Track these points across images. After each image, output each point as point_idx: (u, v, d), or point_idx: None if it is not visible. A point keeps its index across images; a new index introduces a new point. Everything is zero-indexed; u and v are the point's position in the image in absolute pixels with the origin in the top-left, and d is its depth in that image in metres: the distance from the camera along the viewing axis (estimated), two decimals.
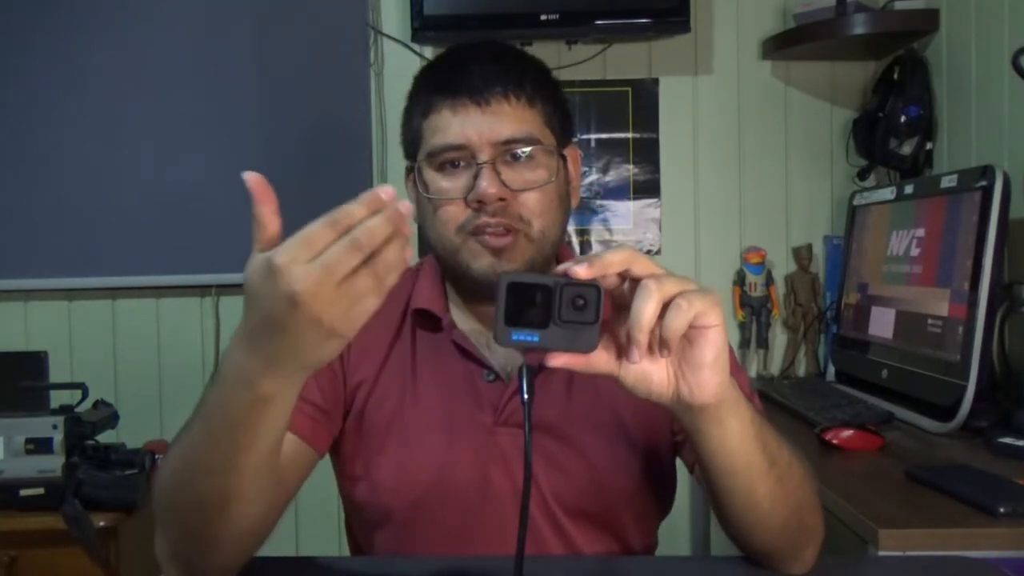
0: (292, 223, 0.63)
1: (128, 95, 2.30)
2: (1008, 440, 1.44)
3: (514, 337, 0.66)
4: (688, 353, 0.70)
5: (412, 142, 1.02)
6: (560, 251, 1.06)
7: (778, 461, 0.80)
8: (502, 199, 0.94)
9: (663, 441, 1.02)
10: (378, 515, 1.01)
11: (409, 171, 1.05)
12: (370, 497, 1.00)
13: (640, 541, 1.03)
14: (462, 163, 0.96)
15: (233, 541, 0.79)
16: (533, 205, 0.96)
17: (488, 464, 0.98)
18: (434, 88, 0.99)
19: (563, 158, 1.02)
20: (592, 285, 0.66)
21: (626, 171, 2.38)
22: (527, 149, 0.96)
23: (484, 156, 0.95)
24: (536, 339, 0.66)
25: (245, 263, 0.64)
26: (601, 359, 0.70)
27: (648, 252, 2.38)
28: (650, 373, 0.71)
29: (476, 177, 0.95)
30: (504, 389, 0.99)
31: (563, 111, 1.03)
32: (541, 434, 0.96)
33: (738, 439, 0.76)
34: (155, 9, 2.30)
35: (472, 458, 0.98)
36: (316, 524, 2.20)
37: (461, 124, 0.95)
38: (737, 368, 1.06)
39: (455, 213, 0.97)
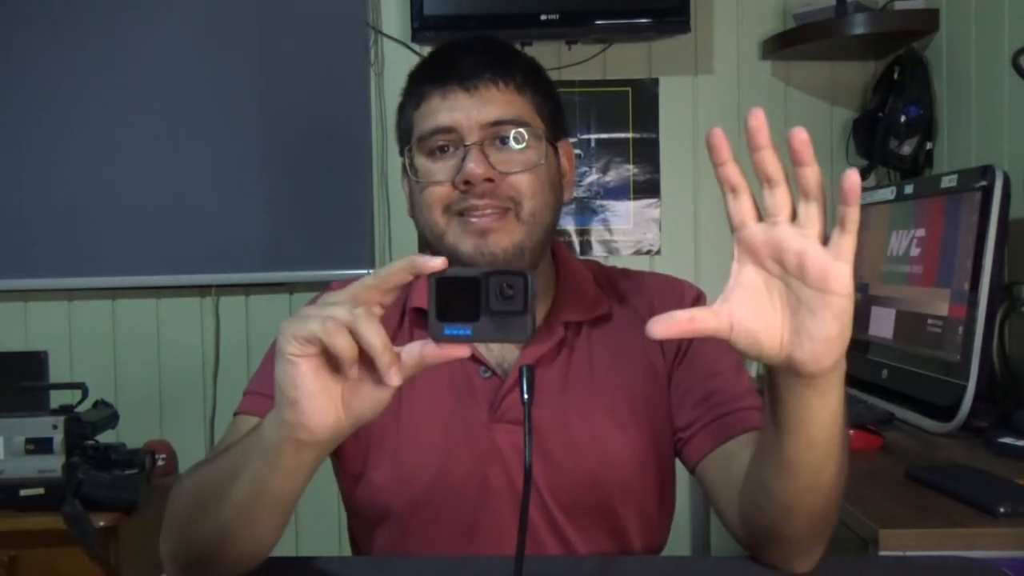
0: (292, 222, 0.63)
1: (128, 95, 2.30)
2: (1008, 440, 1.44)
3: (446, 331, 0.65)
4: (818, 317, 0.68)
5: (405, 134, 1.02)
6: (556, 248, 1.06)
7: (846, 448, 0.80)
8: (489, 180, 0.94)
9: (663, 439, 1.02)
10: (377, 514, 1.01)
11: (404, 169, 1.05)
12: (368, 496, 1.00)
13: (641, 541, 1.02)
14: (451, 147, 0.97)
15: (233, 568, 0.83)
16: (522, 186, 0.96)
17: (485, 461, 0.98)
18: (425, 79, 1.00)
19: (555, 148, 1.01)
20: (519, 273, 0.65)
21: (626, 171, 2.38)
22: (515, 131, 0.96)
23: (472, 138, 0.95)
24: (468, 332, 0.65)
25: (244, 263, 0.66)
26: (711, 320, 0.68)
27: (648, 252, 2.38)
28: (758, 333, 0.69)
29: (464, 159, 0.95)
30: (500, 385, 0.99)
31: (555, 104, 1.03)
32: (536, 429, 0.96)
33: (831, 412, 0.75)
34: (155, 10, 2.30)
35: (469, 456, 0.98)
36: (316, 524, 2.20)
37: (450, 108, 0.96)
38: (739, 368, 1.06)
39: (441, 194, 0.96)
